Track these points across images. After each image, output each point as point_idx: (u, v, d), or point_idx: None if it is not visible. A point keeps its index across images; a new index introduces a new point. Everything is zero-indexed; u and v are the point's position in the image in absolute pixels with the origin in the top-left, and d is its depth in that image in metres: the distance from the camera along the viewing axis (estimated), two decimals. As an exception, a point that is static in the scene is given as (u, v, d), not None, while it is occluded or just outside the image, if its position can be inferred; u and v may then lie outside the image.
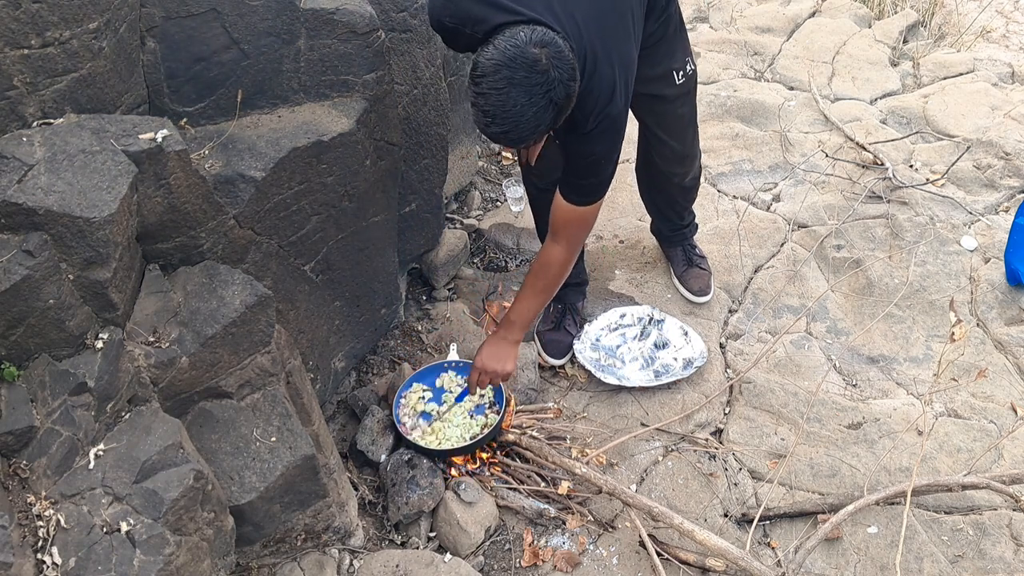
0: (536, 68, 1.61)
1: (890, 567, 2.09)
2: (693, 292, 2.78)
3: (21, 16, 1.48)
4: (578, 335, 2.66)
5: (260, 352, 1.83)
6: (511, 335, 2.24)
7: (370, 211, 2.25)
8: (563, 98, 1.67)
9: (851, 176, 3.28)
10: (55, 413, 1.49)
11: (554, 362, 2.65)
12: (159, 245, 1.73)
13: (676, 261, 2.86)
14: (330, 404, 2.47)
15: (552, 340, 2.66)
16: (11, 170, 1.46)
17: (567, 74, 1.66)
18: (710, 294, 2.78)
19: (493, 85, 1.62)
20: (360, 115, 2.03)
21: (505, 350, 2.23)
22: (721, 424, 2.50)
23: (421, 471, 2.20)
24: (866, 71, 3.92)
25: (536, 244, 3.08)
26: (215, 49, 1.86)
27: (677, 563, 2.10)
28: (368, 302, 2.44)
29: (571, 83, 1.68)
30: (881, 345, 2.69)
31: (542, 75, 1.62)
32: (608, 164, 1.98)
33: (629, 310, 2.74)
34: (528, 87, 1.62)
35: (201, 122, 1.92)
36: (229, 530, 1.72)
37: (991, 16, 4.58)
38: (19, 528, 1.40)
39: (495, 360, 2.22)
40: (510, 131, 1.67)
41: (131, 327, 1.65)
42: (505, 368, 2.23)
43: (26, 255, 1.42)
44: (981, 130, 3.41)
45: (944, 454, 2.35)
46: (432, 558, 2.06)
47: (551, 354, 2.65)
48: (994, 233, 2.97)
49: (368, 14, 1.99)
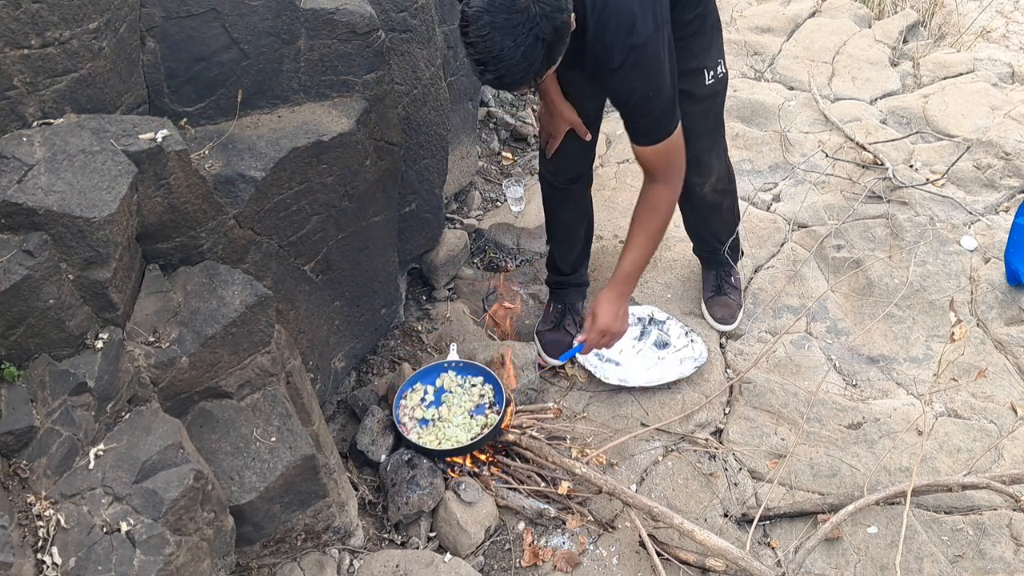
0: (515, 7, 1.59)
1: (890, 567, 2.09)
2: (715, 319, 2.74)
3: (21, 16, 1.48)
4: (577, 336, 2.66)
5: (260, 352, 1.83)
6: (624, 288, 2.21)
7: (370, 211, 2.25)
8: (550, 32, 1.63)
9: (851, 176, 3.28)
10: (55, 413, 1.49)
11: (553, 362, 2.64)
12: (159, 245, 1.73)
13: (707, 284, 2.81)
14: (330, 404, 2.47)
15: (552, 340, 2.66)
16: (11, 170, 1.46)
17: (550, 6, 1.61)
18: (734, 324, 2.73)
19: (478, 32, 1.61)
20: (360, 115, 2.03)
21: (620, 306, 2.22)
22: (721, 424, 2.50)
23: (421, 471, 2.20)
24: (866, 71, 3.92)
25: (536, 244, 3.09)
26: (215, 49, 1.86)
27: (677, 563, 2.10)
28: (368, 302, 2.44)
29: (556, 15, 1.63)
30: (881, 345, 2.69)
31: (522, 14, 1.59)
32: (658, 99, 1.91)
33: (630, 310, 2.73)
34: (511, 28, 1.59)
35: (201, 122, 1.92)
36: (229, 530, 1.72)
37: (991, 16, 4.58)
38: (19, 528, 1.40)
39: (616, 320, 2.21)
40: (504, 75, 1.65)
41: (131, 327, 1.65)
42: (623, 328, 2.25)
43: (26, 255, 1.42)
44: (981, 130, 3.41)
45: (944, 454, 2.35)
46: (432, 558, 2.06)
47: (551, 354, 2.64)
48: (994, 233, 2.97)
49: (368, 14, 1.99)
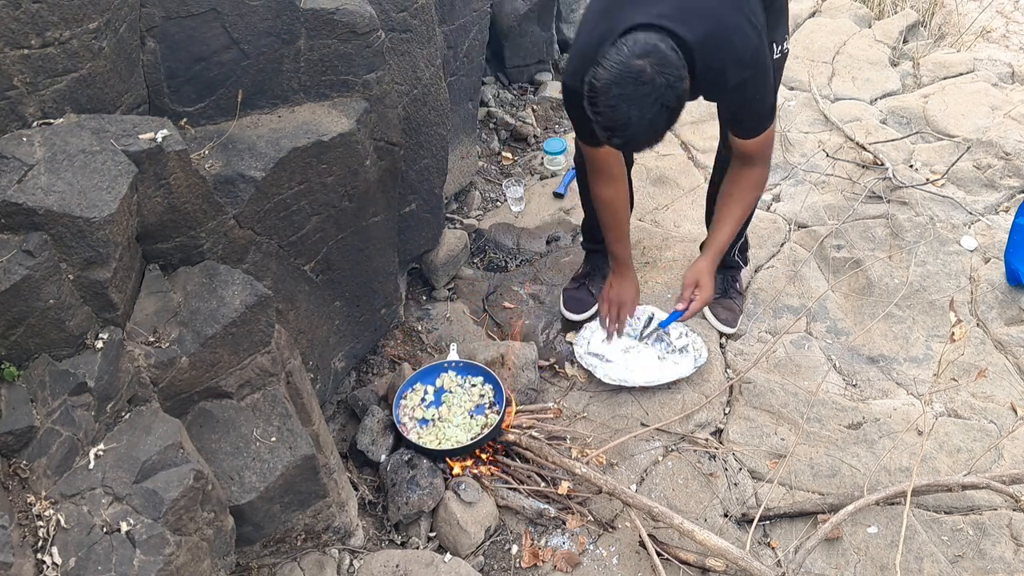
0: (642, 79, 1.69)
1: (890, 567, 2.09)
2: (719, 320, 2.76)
3: (21, 16, 1.48)
4: (578, 337, 2.66)
5: (260, 352, 1.83)
6: (717, 259, 2.31)
7: (370, 211, 2.25)
8: (674, 100, 1.75)
9: (851, 176, 3.28)
10: (55, 413, 1.49)
11: (572, 316, 2.74)
12: (159, 245, 1.73)
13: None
14: (330, 404, 2.47)
15: (572, 297, 2.75)
16: (11, 170, 1.45)
17: (674, 75, 1.72)
18: (734, 327, 2.75)
19: (606, 103, 1.72)
20: (360, 115, 2.03)
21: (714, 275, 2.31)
22: (721, 424, 2.50)
23: (421, 471, 2.20)
24: (866, 71, 3.92)
25: (536, 244, 3.09)
26: (215, 49, 1.86)
27: (677, 563, 2.10)
28: (368, 302, 2.44)
29: (679, 84, 1.74)
30: (881, 345, 2.69)
31: (648, 85, 1.70)
32: (764, 101, 2.03)
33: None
34: (638, 99, 1.70)
35: (201, 122, 1.92)
36: (229, 530, 1.72)
37: (991, 16, 4.59)
38: (19, 528, 1.40)
39: (713, 284, 2.30)
40: (631, 140, 1.80)
41: (131, 327, 1.65)
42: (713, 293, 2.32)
43: (26, 255, 1.42)
44: (981, 130, 3.41)
45: (944, 454, 2.35)
46: (432, 558, 2.06)
47: (570, 309, 2.74)
48: (994, 233, 2.97)
49: (368, 14, 1.99)
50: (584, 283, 2.78)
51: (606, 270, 2.74)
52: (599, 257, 2.77)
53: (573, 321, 2.75)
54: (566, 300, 2.78)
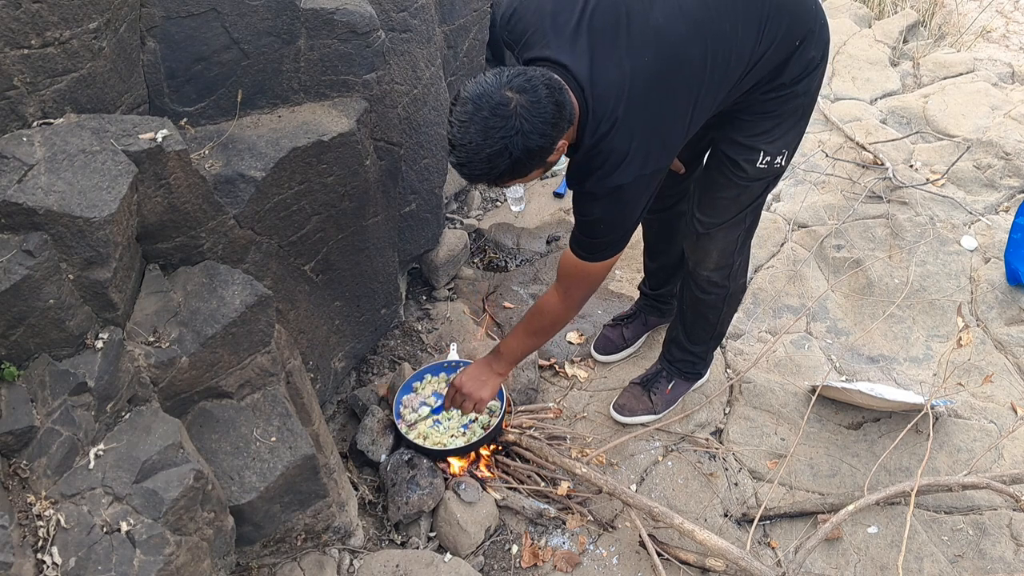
0: (499, 112, 1.54)
1: (890, 567, 2.09)
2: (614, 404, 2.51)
3: (21, 16, 1.48)
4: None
5: (260, 352, 1.83)
6: (497, 366, 2.14)
7: (370, 211, 2.25)
8: (520, 149, 1.56)
9: (851, 176, 3.28)
10: (55, 413, 1.49)
11: (598, 357, 2.70)
12: (159, 245, 1.73)
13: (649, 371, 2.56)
14: (330, 404, 2.47)
15: (605, 336, 2.72)
16: (11, 170, 1.45)
17: (534, 128, 1.56)
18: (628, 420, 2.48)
19: (459, 115, 1.56)
20: (360, 115, 2.03)
21: (487, 377, 2.14)
22: (721, 424, 2.50)
23: (421, 471, 2.20)
24: (866, 71, 3.93)
25: (536, 244, 3.09)
26: (215, 49, 1.86)
27: (677, 563, 2.10)
28: (368, 302, 2.44)
29: (534, 138, 1.56)
30: (881, 345, 2.69)
31: (503, 120, 1.54)
32: (609, 231, 1.82)
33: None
34: (486, 127, 1.54)
35: (201, 122, 1.92)
36: (229, 530, 1.72)
37: (991, 16, 4.59)
38: (19, 528, 1.40)
39: (475, 384, 2.14)
40: (464, 164, 1.60)
41: (131, 327, 1.65)
42: (481, 394, 2.13)
43: (26, 255, 1.42)
44: (981, 130, 3.41)
45: (944, 454, 2.35)
46: (432, 558, 2.06)
47: (597, 349, 2.71)
48: (994, 233, 2.97)
49: (368, 14, 1.99)
50: (622, 324, 2.71)
51: (649, 319, 2.71)
52: (643, 304, 2.69)
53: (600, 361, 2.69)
54: (599, 337, 2.72)
